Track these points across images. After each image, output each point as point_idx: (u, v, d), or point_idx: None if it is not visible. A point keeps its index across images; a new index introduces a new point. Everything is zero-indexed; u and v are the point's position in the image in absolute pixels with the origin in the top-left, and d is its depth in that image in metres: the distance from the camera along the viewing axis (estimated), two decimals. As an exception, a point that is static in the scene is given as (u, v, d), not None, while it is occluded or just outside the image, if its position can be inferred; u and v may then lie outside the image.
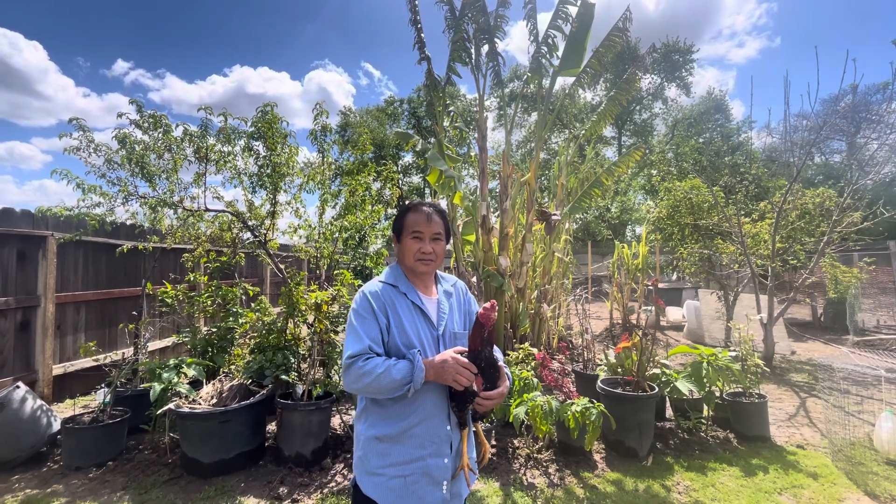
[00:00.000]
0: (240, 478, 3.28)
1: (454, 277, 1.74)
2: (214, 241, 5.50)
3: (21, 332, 4.57)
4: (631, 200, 24.01)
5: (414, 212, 1.57)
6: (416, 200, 1.66)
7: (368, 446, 1.43)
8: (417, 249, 1.53)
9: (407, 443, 1.41)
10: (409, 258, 1.55)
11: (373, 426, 1.44)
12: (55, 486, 3.18)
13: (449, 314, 1.57)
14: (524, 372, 3.77)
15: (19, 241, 4.55)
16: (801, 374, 6.30)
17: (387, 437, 1.41)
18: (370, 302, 1.46)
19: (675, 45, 27.41)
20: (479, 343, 1.39)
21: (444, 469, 1.43)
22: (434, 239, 1.55)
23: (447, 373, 1.34)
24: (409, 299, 1.52)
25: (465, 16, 5.52)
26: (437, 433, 1.43)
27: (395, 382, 1.33)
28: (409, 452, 1.40)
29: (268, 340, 4.15)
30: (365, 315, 1.45)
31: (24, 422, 3.48)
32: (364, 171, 5.44)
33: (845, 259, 10.21)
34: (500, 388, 1.44)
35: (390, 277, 1.57)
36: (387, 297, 1.49)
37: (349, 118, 31.08)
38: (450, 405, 1.45)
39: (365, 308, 1.46)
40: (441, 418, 1.45)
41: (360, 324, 1.43)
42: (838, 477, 3.33)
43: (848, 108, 11.73)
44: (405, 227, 1.56)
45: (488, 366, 1.41)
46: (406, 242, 1.54)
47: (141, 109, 4.67)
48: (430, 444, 1.42)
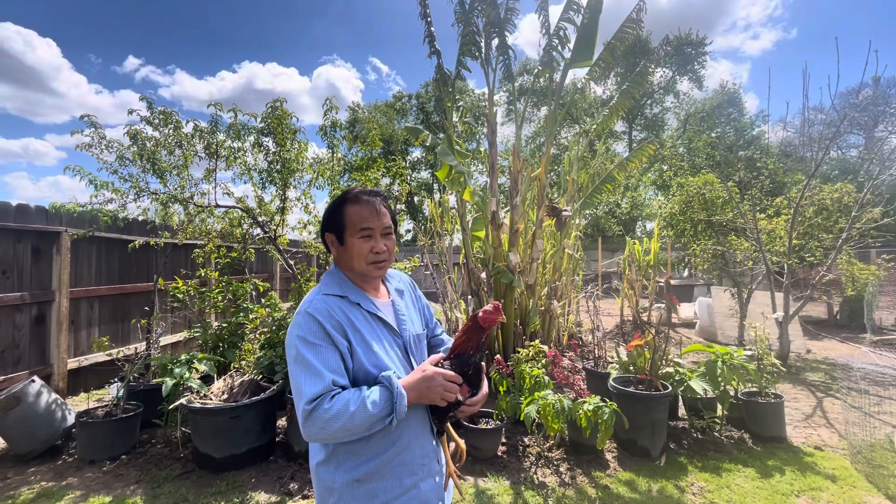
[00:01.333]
0: (251, 473, 3.29)
1: (399, 272, 1.54)
2: (225, 236, 5.52)
3: (36, 327, 4.63)
4: (641, 196, 23.75)
5: (355, 203, 1.29)
6: (353, 188, 1.36)
7: (347, 493, 1.19)
8: (369, 250, 1.28)
9: (395, 474, 1.21)
10: (359, 262, 1.29)
11: (349, 470, 1.20)
12: (70, 479, 3.22)
13: (407, 315, 1.39)
14: (535, 370, 3.73)
15: (34, 237, 4.61)
16: (818, 373, 6.18)
17: (369, 476, 1.19)
18: (320, 324, 1.18)
19: (687, 37, 26.96)
20: (471, 347, 1.23)
21: (437, 487, 1.30)
22: (385, 234, 1.31)
23: (433, 391, 1.16)
24: (364, 309, 1.28)
25: (474, 9, 5.44)
26: (425, 453, 1.28)
27: (373, 418, 1.10)
28: (400, 484, 1.21)
29: (277, 336, 4.16)
30: (317, 342, 1.16)
31: (39, 415, 3.53)
32: (373, 167, 5.42)
33: (862, 256, 9.99)
34: (483, 391, 1.29)
35: (333, 287, 1.29)
36: (339, 314, 1.22)
37: (358, 114, 31.10)
38: (430, 419, 1.31)
39: (314, 333, 1.17)
40: (426, 435, 1.29)
41: (312, 354, 1.14)
42: (858, 479, 3.25)
43: (867, 102, 11.43)
44: (347, 223, 1.28)
45: (475, 371, 1.25)
46: (353, 243, 1.28)
47: (151, 106, 4.69)
48: (419, 468, 1.25)
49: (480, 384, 1.30)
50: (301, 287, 4.00)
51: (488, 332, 1.24)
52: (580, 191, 7.01)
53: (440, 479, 1.31)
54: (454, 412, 1.25)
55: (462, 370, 1.22)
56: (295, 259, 5.55)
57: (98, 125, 4.50)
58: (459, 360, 1.23)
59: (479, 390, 1.29)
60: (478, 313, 1.23)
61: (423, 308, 1.52)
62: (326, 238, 1.35)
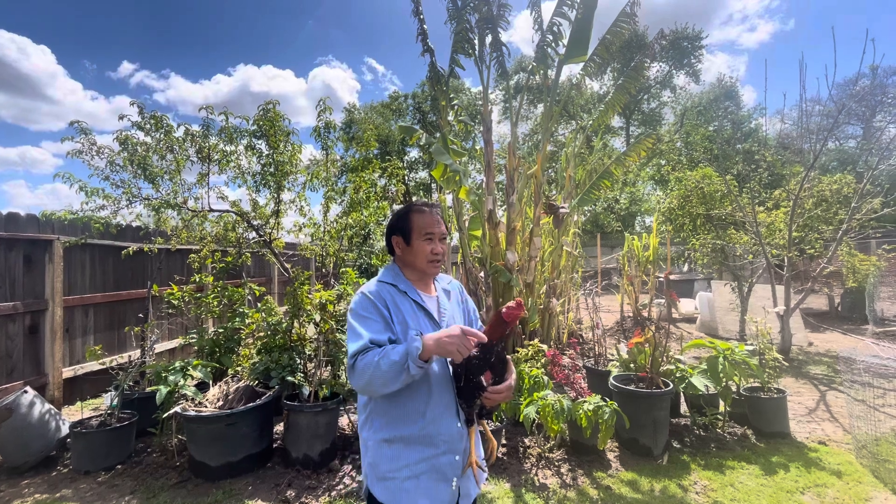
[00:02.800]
0: (248, 480, 3.24)
1: (450, 276, 1.76)
2: (220, 241, 5.47)
3: (30, 336, 4.58)
4: (640, 191, 23.68)
5: (419, 213, 1.56)
6: (417, 201, 1.66)
7: (378, 451, 1.41)
8: (430, 251, 1.53)
9: (420, 443, 1.40)
10: (421, 260, 1.54)
11: (380, 430, 1.42)
12: (64, 490, 3.17)
13: (450, 311, 1.58)
14: (534, 370, 3.69)
15: (25, 246, 4.56)
16: (820, 366, 6.13)
17: (396, 439, 1.40)
18: (370, 300, 1.44)
19: (683, 31, 26.88)
20: (496, 337, 1.36)
21: (456, 466, 1.43)
22: (442, 239, 1.57)
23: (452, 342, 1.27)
24: (410, 297, 1.50)
25: (467, 5, 5.39)
26: (449, 432, 1.42)
27: (395, 364, 1.26)
28: (422, 452, 1.40)
29: (274, 341, 4.11)
30: (365, 314, 1.42)
31: (32, 426, 3.48)
32: (369, 167, 5.37)
33: (862, 247, 9.94)
34: (508, 381, 1.41)
35: (388, 277, 1.55)
36: (387, 296, 1.47)
37: (354, 115, 31.00)
38: (457, 401, 1.44)
39: (364, 307, 1.43)
40: (451, 416, 1.44)
41: (360, 323, 1.40)
42: (863, 475, 3.21)
43: (865, 92, 11.37)
44: (414, 229, 1.54)
45: (498, 361, 1.39)
46: (418, 245, 1.53)
47: (142, 111, 4.63)
48: (442, 443, 1.41)
49: (505, 374, 1.42)
50: (295, 291, 3.95)
51: (512, 325, 1.36)
52: (577, 187, 6.96)
53: (461, 458, 1.44)
54: (479, 396, 1.37)
55: (485, 357, 1.35)
56: (291, 262, 5.50)
57: (88, 131, 4.45)
58: (484, 348, 1.36)
59: (504, 380, 1.41)
60: (501, 309, 1.36)
61: (467, 311, 1.71)
62: (393, 240, 1.59)
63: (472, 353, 1.32)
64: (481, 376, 1.36)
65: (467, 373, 1.37)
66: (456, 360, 1.31)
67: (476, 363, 1.35)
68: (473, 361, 1.34)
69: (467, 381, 1.38)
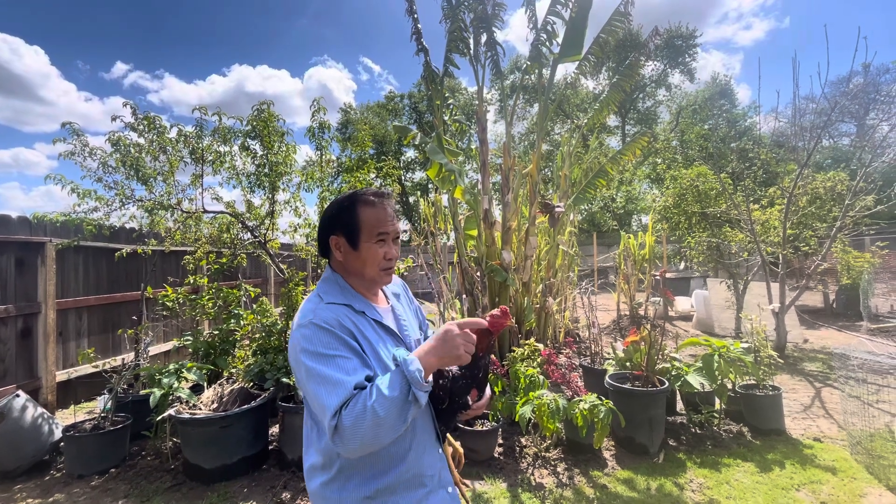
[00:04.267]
0: (242, 483, 3.23)
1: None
2: (214, 242, 5.45)
3: (23, 340, 4.54)
4: (636, 190, 23.74)
5: (370, 206, 1.21)
6: (364, 189, 1.27)
7: None
8: (383, 256, 1.22)
9: (407, 487, 1.16)
10: (372, 268, 1.22)
11: (358, 487, 1.13)
12: (57, 495, 3.15)
13: (407, 320, 1.35)
14: (530, 369, 3.68)
15: (17, 248, 4.52)
16: (815, 363, 6.16)
17: (380, 492, 1.14)
18: (332, 332, 1.10)
19: (677, 30, 26.96)
20: (482, 350, 1.21)
21: (451, 499, 1.26)
22: (395, 239, 1.26)
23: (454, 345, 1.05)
24: (370, 318, 1.21)
25: (461, 4, 5.38)
26: (433, 462, 1.24)
27: (396, 401, 0.98)
28: (411, 497, 1.16)
29: (268, 342, 4.09)
30: (330, 352, 1.07)
31: (25, 430, 3.45)
32: (364, 168, 5.36)
33: (856, 244, 9.99)
34: (488, 393, 1.28)
35: (336, 296, 1.21)
36: (348, 323, 1.14)
37: (350, 115, 30.94)
38: (436, 426, 1.28)
39: (326, 344, 1.08)
40: (433, 445, 1.25)
41: (326, 366, 1.05)
42: (858, 471, 3.22)
43: (858, 89, 11.43)
44: (363, 227, 1.20)
45: (484, 374, 1.24)
46: (368, 248, 1.21)
47: (135, 112, 4.60)
48: (429, 479, 1.21)
49: (485, 386, 1.27)
50: (290, 291, 3.93)
51: (496, 335, 1.23)
52: (573, 186, 6.96)
53: (452, 489, 1.28)
54: (461, 414, 1.23)
55: (473, 374, 1.20)
56: (286, 263, 5.48)
57: (80, 132, 4.42)
58: (470, 364, 1.21)
59: (484, 392, 1.27)
60: (485, 317, 1.23)
61: (416, 310, 1.49)
62: (332, 240, 1.24)
63: (456, 372, 1.19)
64: (468, 396, 1.20)
65: (453, 395, 1.18)
66: (465, 362, 1.12)
67: (462, 383, 1.18)
68: (460, 382, 1.18)
69: (452, 402, 1.20)
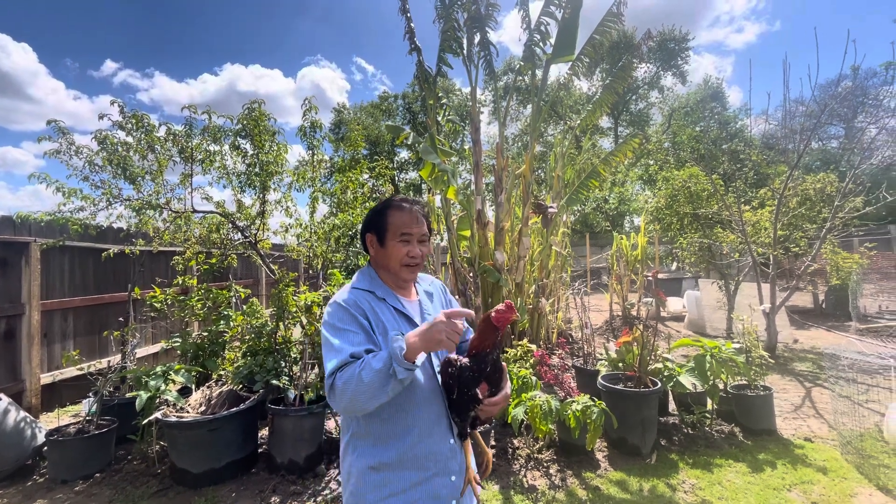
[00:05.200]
0: (231, 487, 3.17)
1: (431, 277, 1.62)
2: (204, 242, 5.37)
3: (6, 342, 4.45)
4: (629, 191, 23.87)
5: (398, 210, 1.40)
6: (396, 196, 1.47)
7: (362, 479, 1.27)
8: (406, 253, 1.38)
9: (407, 467, 1.27)
10: (394, 263, 1.39)
11: (364, 455, 1.28)
12: (39, 500, 3.07)
13: (433, 315, 1.43)
14: (522, 370, 3.66)
15: (0, 248, 4.42)
16: (805, 363, 6.21)
17: (383, 465, 1.26)
18: (347, 310, 1.29)
19: (670, 33, 27.19)
20: (489, 345, 1.25)
21: (452, 487, 1.31)
22: (421, 241, 1.41)
23: (438, 332, 1.13)
24: (390, 304, 1.37)
25: (454, 4, 5.36)
26: (440, 450, 1.30)
27: (379, 373, 1.11)
28: (412, 476, 1.26)
29: (258, 344, 4.04)
30: (342, 326, 1.27)
31: (6, 435, 3.36)
32: (356, 168, 5.32)
33: (845, 245, 10.10)
34: (504, 391, 1.31)
35: (364, 283, 1.40)
36: (365, 304, 1.32)
37: (343, 115, 30.82)
38: (450, 416, 1.33)
39: (340, 318, 1.28)
40: (442, 433, 1.31)
41: (336, 336, 1.25)
42: (849, 471, 3.23)
43: (847, 92, 11.57)
44: (389, 227, 1.39)
45: (494, 370, 1.28)
46: (392, 246, 1.38)
47: (123, 110, 4.53)
48: (433, 464, 1.29)
49: (501, 383, 1.31)
50: (281, 293, 3.88)
51: (503, 330, 1.26)
52: (566, 187, 6.97)
53: (457, 479, 1.32)
54: (474, 409, 1.27)
55: (480, 368, 1.24)
56: (278, 264, 5.43)
57: (66, 131, 4.33)
58: (477, 358, 1.25)
59: (500, 390, 1.30)
60: (490, 313, 1.25)
61: None
62: (367, 238, 1.44)
63: (464, 363, 1.23)
64: (476, 388, 1.25)
65: (461, 386, 1.24)
66: (449, 349, 1.18)
67: (470, 375, 1.23)
68: (467, 373, 1.23)
69: (461, 393, 1.25)
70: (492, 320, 1.25)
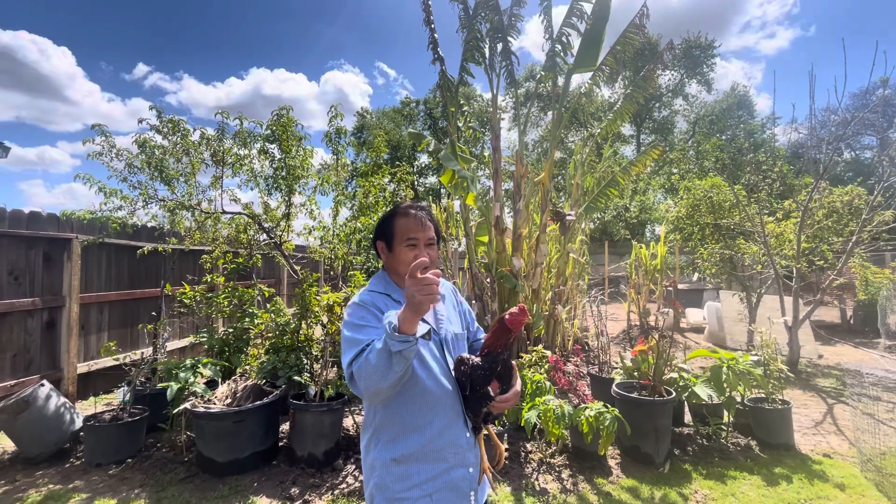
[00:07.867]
0: (253, 477, 3.31)
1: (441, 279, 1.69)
2: (232, 242, 5.60)
3: (47, 332, 4.72)
4: (650, 200, 23.57)
5: (404, 216, 1.46)
6: (403, 203, 1.54)
7: (386, 471, 1.35)
8: (413, 258, 1.40)
9: (429, 458, 1.35)
10: (403, 269, 1.41)
11: (387, 449, 1.36)
12: (76, 482, 3.27)
13: (446, 316, 1.53)
14: (536, 375, 3.72)
15: (45, 244, 4.71)
16: (829, 379, 6.07)
17: (405, 458, 1.34)
18: (365, 307, 1.37)
19: (696, 40, 26.82)
20: (500, 346, 1.33)
21: (470, 479, 1.39)
22: (429, 245, 1.45)
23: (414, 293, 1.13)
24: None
25: (478, 14, 5.48)
26: (458, 442, 1.38)
27: (381, 352, 1.16)
28: (432, 468, 1.34)
29: (281, 341, 4.19)
30: (361, 323, 1.34)
31: (48, 419, 3.59)
32: (378, 172, 5.47)
33: (877, 259, 9.79)
34: (514, 388, 1.40)
35: (380, 286, 1.48)
36: (381, 304, 1.40)
37: (365, 120, 31.32)
38: (464, 411, 1.41)
39: (359, 316, 1.36)
40: (459, 425, 1.40)
41: (355, 332, 1.32)
42: (867, 489, 3.18)
43: (880, 102, 11.25)
44: (396, 234, 1.45)
45: (505, 369, 1.37)
46: (400, 251, 1.44)
47: (160, 115, 4.78)
48: (452, 456, 1.37)
49: (511, 381, 1.40)
50: (304, 292, 4.04)
51: (516, 333, 1.33)
52: (585, 195, 6.99)
53: (474, 470, 1.41)
54: (486, 405, 1.35)
55: (491, 367, 1.32)
56: (300, 264, 5.61)
57: (108, 134, 4.61)
58: (489, 357, 1.33)
59: (511, 387, 1.40)
60: (504, 316, 1.33)
61: (463, 312, 1.65)
62: (377, 245, 1.51)
63: (475, 362, 1.31)
64: (488, 386, 1.33)
65: (473, 384, 1.32)
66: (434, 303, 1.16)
67: (481, 374, 1.31)
68: (478, 372, 1.31)
69: (473, 391, 1.33)
70: (505, 322, 1.32)
